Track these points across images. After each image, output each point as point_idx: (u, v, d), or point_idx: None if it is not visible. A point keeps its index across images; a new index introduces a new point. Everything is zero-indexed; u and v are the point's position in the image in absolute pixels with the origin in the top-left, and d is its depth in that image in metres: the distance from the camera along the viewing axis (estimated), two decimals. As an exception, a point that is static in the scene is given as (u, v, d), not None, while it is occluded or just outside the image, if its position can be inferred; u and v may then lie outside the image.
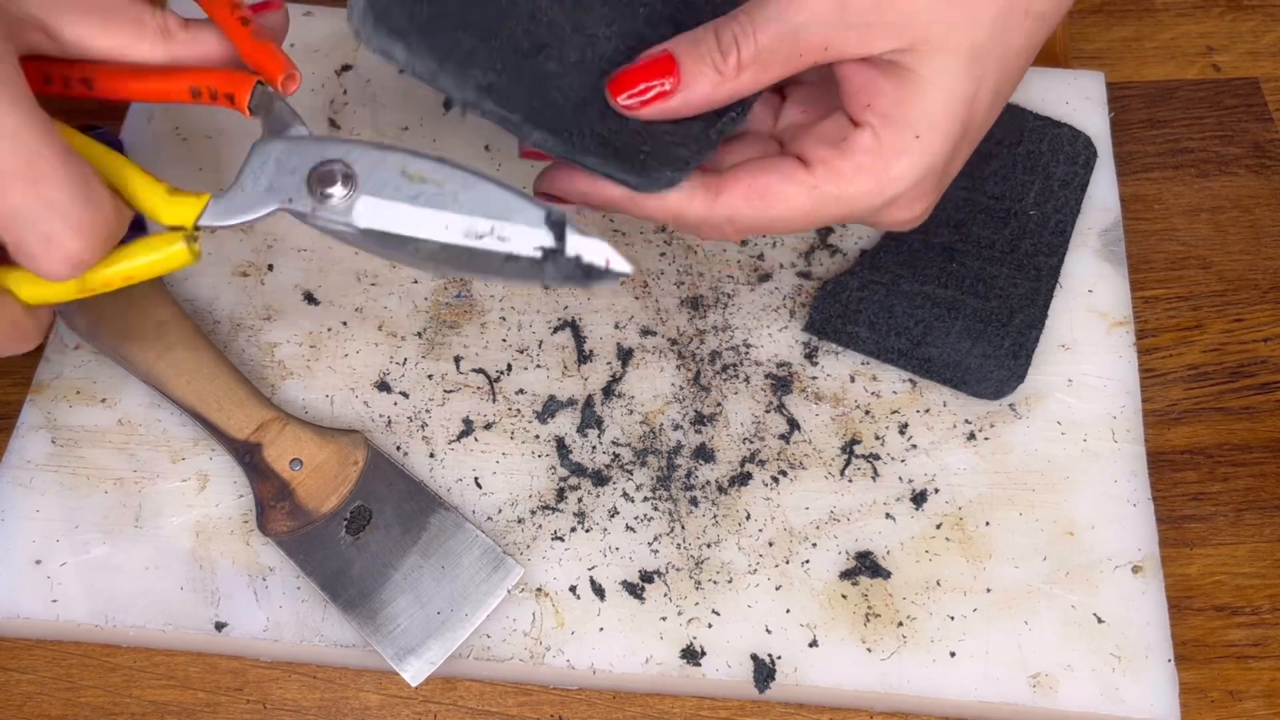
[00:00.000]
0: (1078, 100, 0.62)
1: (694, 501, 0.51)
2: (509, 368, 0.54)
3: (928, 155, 0.42)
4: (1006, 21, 0.41)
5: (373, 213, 0.40)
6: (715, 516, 0.50)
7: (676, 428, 0.52)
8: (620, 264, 0.39)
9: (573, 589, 0.49)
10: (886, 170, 0.42)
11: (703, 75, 0.41)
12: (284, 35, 0.44)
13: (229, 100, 0.42)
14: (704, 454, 0.52)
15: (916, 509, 0.51)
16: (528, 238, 0.39)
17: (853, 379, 0.54)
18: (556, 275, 0.39)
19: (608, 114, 0.42)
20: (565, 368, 0.54)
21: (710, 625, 0.48)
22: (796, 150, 0.43)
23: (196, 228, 0.40)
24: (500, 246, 0.39)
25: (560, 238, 0.39)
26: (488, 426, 0.52)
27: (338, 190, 0.40)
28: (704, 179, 0.43)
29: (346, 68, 0.61)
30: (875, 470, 0.52)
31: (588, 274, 0.39)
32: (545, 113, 0.41)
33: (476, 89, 0.40)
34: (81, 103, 0.43)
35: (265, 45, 0.42)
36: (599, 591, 0.49)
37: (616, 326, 0.55)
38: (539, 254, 0.39)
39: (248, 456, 0.49)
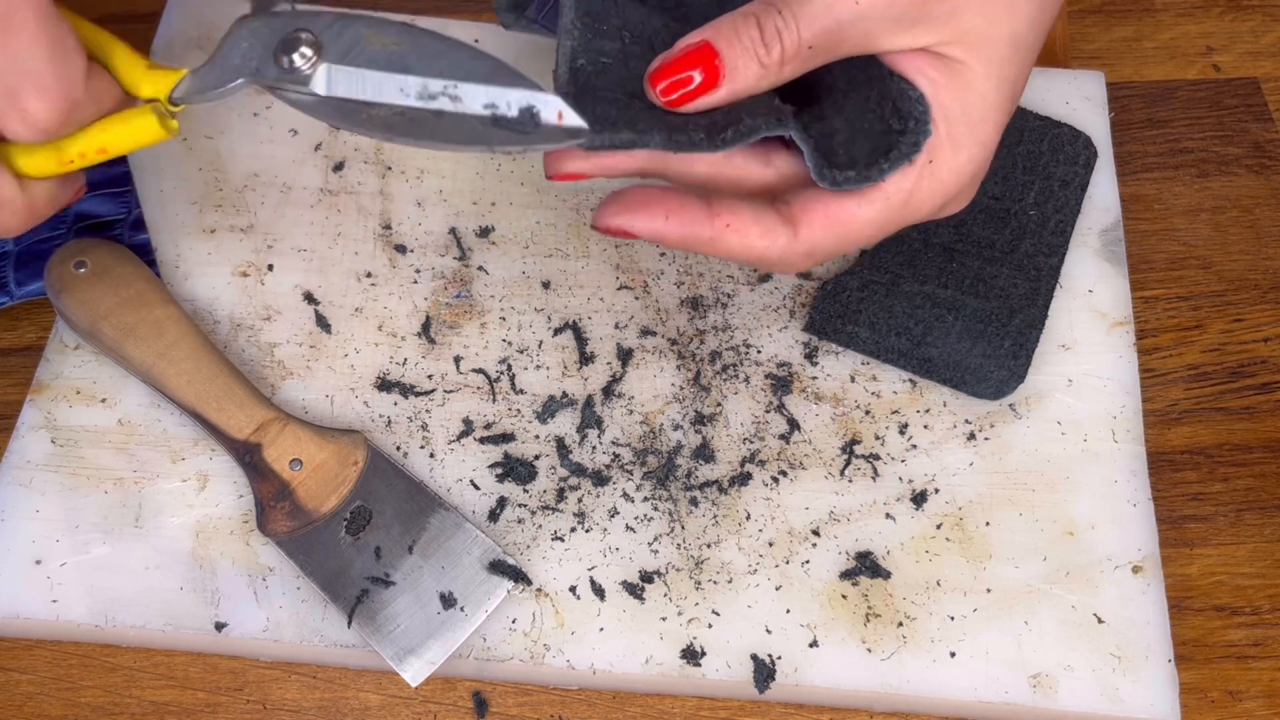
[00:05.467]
0: (1078, 100, 0.62)
1: (694, 501, 0.51)
2: (509, 368, 0.54)
3: (984, 147, 0.41)
4: (1042, 5, 0.41)
5: (331, 80, 0.40)
6: (715, 516, 0.50)
7: (676, 428, 0.52)
8: (573, 119, 0.39)
9: (573, 589, 0.49)
10: (950, 167, 0.41)
11: (747, 67, 0.40)
12: None
13: None
14: (704, 454, 0.52)
15: (916, 509, 0.51)
16: (479, 95, 0.39)
17: (853, 379, 0.54)
18: (509, 134, 0.39)
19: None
20: (565, 368, 0.54)
21: (710, 625, 0.48)
22: None
23: (171, 101, 0.41)
24: (452, 106, 0.39)
25: (509, 93, 0.39)
26: (488, 426, 0.52)
27: (301, 59, 0.40)
28: (778, 215, 0.42)
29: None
30: (875, 470, 0.52)
31: (538, 129, 0.39)
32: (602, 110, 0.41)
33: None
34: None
35: None
36: (599, 591, 0.49)
37: (617, 327, 0.55)
38: (489, 112, 0.39)
39: (248, 456, 0.49)
